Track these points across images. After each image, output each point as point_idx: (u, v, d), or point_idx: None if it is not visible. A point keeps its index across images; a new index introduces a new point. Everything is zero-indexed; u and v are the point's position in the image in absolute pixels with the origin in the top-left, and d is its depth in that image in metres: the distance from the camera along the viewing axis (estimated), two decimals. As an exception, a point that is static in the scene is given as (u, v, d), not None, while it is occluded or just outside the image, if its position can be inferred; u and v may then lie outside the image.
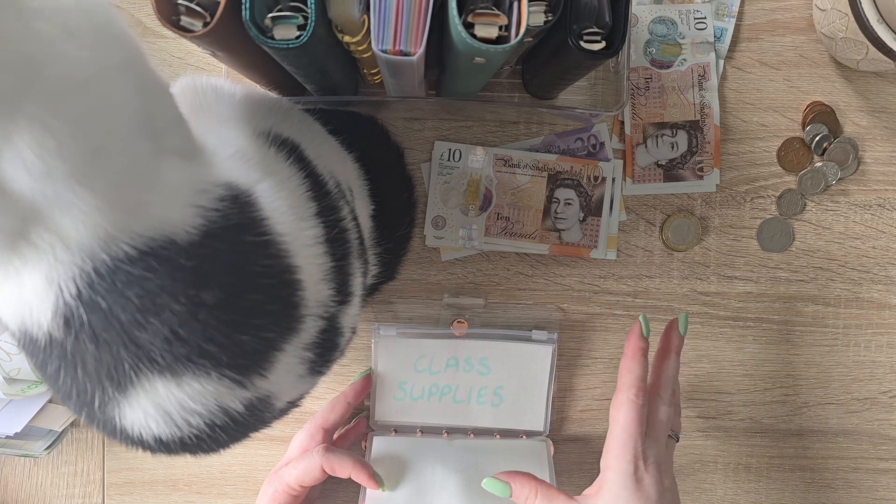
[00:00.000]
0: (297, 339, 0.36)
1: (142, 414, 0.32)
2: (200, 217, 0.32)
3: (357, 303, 0.43)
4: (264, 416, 0.36)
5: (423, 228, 0.60)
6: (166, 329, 0.30)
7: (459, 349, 0.59)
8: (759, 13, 0.60)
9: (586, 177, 0.59)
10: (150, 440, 0.33)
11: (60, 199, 0.28)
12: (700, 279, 0.61)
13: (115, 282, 0.29)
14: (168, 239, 0.30)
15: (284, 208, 0.36)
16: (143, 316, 0.30)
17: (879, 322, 0.61)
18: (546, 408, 0.60)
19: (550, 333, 0.59)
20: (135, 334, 0.30)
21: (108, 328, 0.30)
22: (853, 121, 0.60)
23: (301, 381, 0.38)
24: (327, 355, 0.39)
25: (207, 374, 0.32)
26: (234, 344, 0.32)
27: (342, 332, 0.40)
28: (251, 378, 0.33)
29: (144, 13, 0.59)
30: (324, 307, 0.38)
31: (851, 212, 0.61)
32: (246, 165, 0.37)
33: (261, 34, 0.37)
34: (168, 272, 0.30)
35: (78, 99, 0.28)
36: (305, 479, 0.52)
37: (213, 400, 0.33)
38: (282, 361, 0.35)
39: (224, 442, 0.36)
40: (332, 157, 0.49)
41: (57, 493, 0.61)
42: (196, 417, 0.33)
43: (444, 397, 0.59)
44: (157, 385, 0.31)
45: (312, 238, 0.38)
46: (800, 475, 0.62)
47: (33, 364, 0.32)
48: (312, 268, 0.37)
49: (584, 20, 0.43)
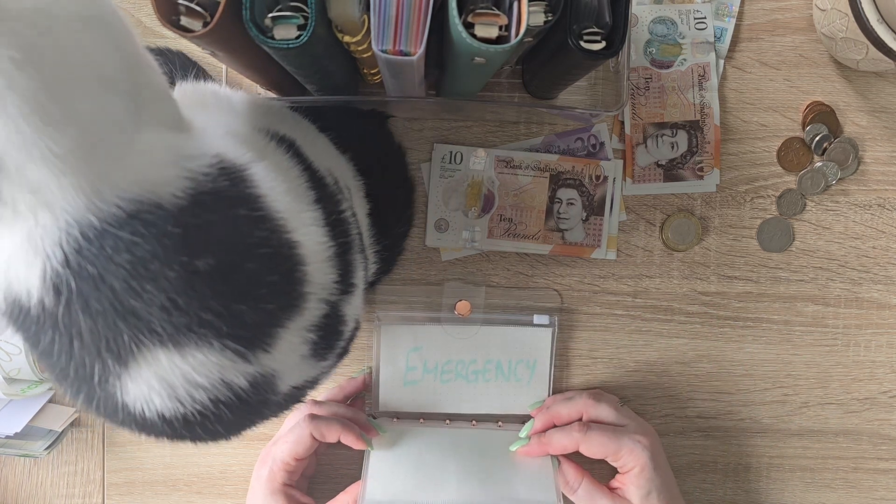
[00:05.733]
0: (300, 318, 0.35)
1: (145, 387, 0.31)
2: (188, 181, 0.31)
3: (360, 294, 0.43)
4: (269, 399, 0.36)
5: (425, 230, 0.60)
6: (162, 296, 0.30)
7: (461, 334, 0.59)
8: (759, 13, 0.60)
9: (588, 176, 0.59)
10: (153, 417, 0.32)
11: (28, 145, 0.27)
12: (700, 279, 0.61)
13: (104, 246, 0.29)
14: (154, 203, 0.30)
15: (282, 189, 0.36)
16: (137, 283, 0.29)
17: (879, 322, 0.61)
18: (548, 392, 0.60)
19: (551, 317, 0.59)
20: (130, 303, 0.29)
21: (100, 297, 0.29)
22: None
23: (304, 364, 0.37)
24: (331, 341, 0.39)
25: (210, 344, 0.31)
26: (232, 314, 0.32)
27: (346, 320, 0.40)
28: (254, 352, 0.33)
29: (144, 13, 0.59)
30: (328, 291, 0.37)
31: (851, 212, 0.61)
32: (240, 145, 0.37)
33: (261, 34, 0.37)
34: (157, 238, 0.29)
35: (39, 37, 0.27)
36: (297, 450, 0.52)
37: (216, 372, 0.32)
38: (285, 339, 0.34)
39: (228, 425, 0.35)
40: (328, 156, 0.49)
41: (57, 493, 0.61)
42: (200, 391, 0.32)
43: (445, 383, 0.60)
44: (159, 356, 0.31)
45: (312, 220, 0.37)
46: (800, 475, 0.62)
47: (26, 340, 0.31)
48: (314, 246, 0.37)
49: (584, 20, 0.43)
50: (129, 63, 0.32)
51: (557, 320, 0.60)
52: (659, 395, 0.61)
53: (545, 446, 0.55)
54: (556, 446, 0.54)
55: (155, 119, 0.33)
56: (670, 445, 0.61)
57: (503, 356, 0.59)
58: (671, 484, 0.54)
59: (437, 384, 0.60)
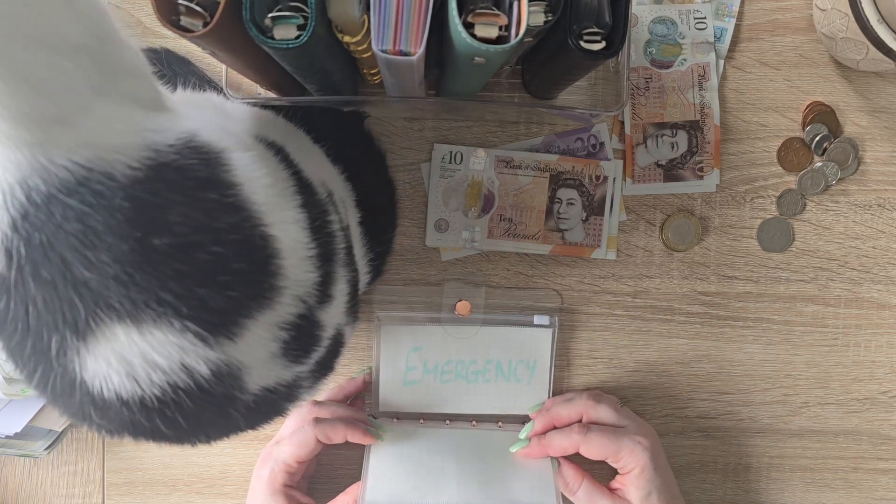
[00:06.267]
0: (270, 312, 0.34)
1: (103, 364, 0.31)
2: (148, 151, 0.30)
3: (339, 306, 0.42)
4: (234, 395, 0.34)
5: (426, 230, 0.60)
6: (118, 270, 0.29)
7: (461, 335, 0.59)
8: (759, 13, 0.60)
9: (588, 176, 0.59)
10: (111, 397, 0.31)
11: None
12: (700, 279, 0.61)
13: (52, 213, 0.28)
14: (106, 172, 0.29)
15: (263, 181, 0.35)
16: (91, 254, 0.29)
17: (879, 322, 0.61)
18: (548, 392, 0.60)
19: (551, 318, 0.59)
20: (83, 274, 0.29)
21: (49, 265, 0.29)
22: (853, 121, 0.60)
23: (275, 363, 0.36)
24: (306, 344, 0.38)
25: (170, 323, 0.30)
26: (193, 297, 0.31)
27: (323, 326, 0.39)
28: (217, 337, 0.32)
29: (144, 13, 0.59)
30: (305, 289, 0.36)
31: (851, 212, 0.61)
32: (222, 132, 0.36)
33: (261, 34, 0.37)
34: (108, 210, 0.29)
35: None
36: (301, 452, 0.52)
37: (176, 354, 0.31)
38: (252, 331, 0.33)
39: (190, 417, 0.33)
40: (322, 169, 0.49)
41: (57, 493, 0.61)
42: (158, 373, 0.31)
43: (445, 383, 0.60)
44: (117, 332, 0.30)
45: (293, 219, 0.37)
46: (800, 475, 0.62)
47: None
48: (292, 243, 0.36)
49: (584, 20, 0.43)
50: (95, 34, 0.31)
51: (558, 320, 0.60)
52: (659, 395, 0.61)
53: (545, 448, 0.55)
54: (556, 448, 0.54)
55: (126, 95, 0.32)
56: (670, 445, 0.61)
57: (503, 356, 0.59)
58: (671, 484, 0.55)
59: (438, 384, 0.60)
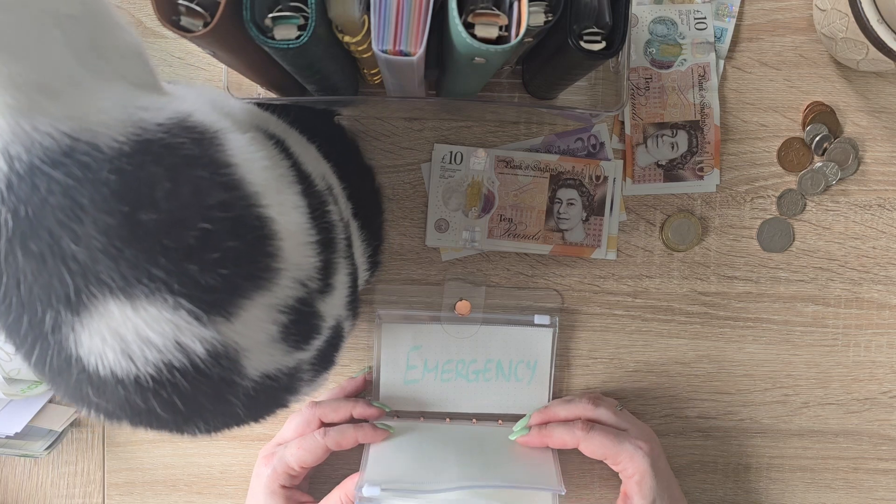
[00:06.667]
0: (268, 293, 0.34)
1: (98, 340, 0.30)
2: (134, 127, 0.30)
3: (340, 298, 0.42)
4: (233, 380, 0.34)
5: (426, 230, 0.60)
6: (104, 241, 0.29)
7: (461, 334, 0.59)
8: (759, 13, 0.60)
9: (588, 176, 0.59)
10: (106, 374, 0.31)
11: None
12: (700, 279, 0.61)
13: (36, 185, 0.28)
14: (91, 143, 0.29)
15: (261, 163, 0.35)
16: (78, 227, 0.28)
17: (879, 322, 0.61)
18: (549, 392, 0.60)
19: (551, 317, 0.59)
20: (70, 247, 0.29)
21: (36, 237, 0.28)
22: (853, 121, 0.60)
23: (274, 347, 0.35)
24: (306, 331, 0.38)
25: (164, 299, 0.30)
26: (184, 273, 0.30)
27: (322, 316, 0.39)
28: (211, 316, 0.31)
29: (144, 13, 0.59)
30: (305, 273, 0.36)
31: (851, 212, 0.61)
32: (219, 114, 0.35)
33: (261, 34, 0.37)
34: (93, 182, 0.29)
35: None
36: (308, 459, 0.53)
37: (170, 331, 0.31)
38: (250, 311, 0.33)
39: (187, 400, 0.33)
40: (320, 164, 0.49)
41: (57, 493, 0.61)
42: (153, 351, 0.31)
43: (445, 382, 0.60)
44: (111, 307, 0.30)
45: (292, 203, 0.36)
46: (800, 475, 0.62)
47: None
48: (291, 226, 0.35)
49: (584, 20, 0.43)
50: (90, 11, 0.31)
51: (558, 320, 0.60)
52: (659, 395, 0.61)
53: (545, 437, 0.55)
54: (557, 440, 0.54)
55: (119, 74, 0.32)
56: (670, 446, 0.61)
57: (503, 356, 0.60)
58: (673, 487, 0.54)
59: (438, 383, 0.60)
